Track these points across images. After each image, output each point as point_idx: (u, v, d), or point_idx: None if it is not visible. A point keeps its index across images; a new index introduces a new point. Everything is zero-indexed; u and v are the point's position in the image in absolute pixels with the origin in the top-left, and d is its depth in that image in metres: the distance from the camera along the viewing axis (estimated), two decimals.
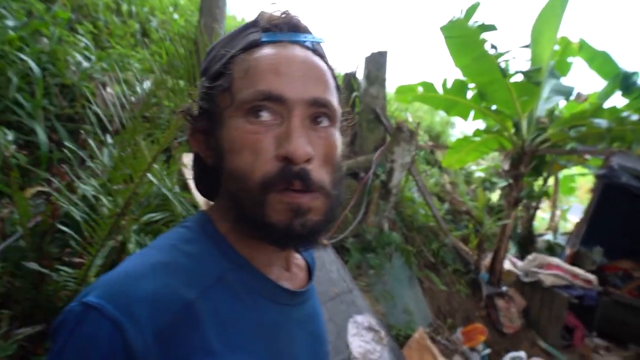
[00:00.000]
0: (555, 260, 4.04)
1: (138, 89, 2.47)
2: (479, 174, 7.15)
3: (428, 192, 4.28)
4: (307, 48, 0.48)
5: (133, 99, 2.30)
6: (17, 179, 1.54)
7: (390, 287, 3.00)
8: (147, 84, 2.65)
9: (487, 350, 3.19)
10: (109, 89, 2.64)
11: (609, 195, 4.87)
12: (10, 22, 2.04)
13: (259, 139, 0.43)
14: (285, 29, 0.48)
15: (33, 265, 1.40)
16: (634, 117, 3.58)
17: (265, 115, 0.44)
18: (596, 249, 4.74)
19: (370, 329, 2.29)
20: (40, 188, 1.71)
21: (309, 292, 0.56)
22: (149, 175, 1.38)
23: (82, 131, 2.20)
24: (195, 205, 2.16)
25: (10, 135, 1.78)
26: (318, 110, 0.45)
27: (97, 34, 2.97)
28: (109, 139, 2.02)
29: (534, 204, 6.58)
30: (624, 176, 4.82)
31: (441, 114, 7.10)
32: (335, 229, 3.03)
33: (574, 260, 4.60)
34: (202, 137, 0.50)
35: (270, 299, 0.49)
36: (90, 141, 1.66)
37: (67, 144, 1.79)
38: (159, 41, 3.48)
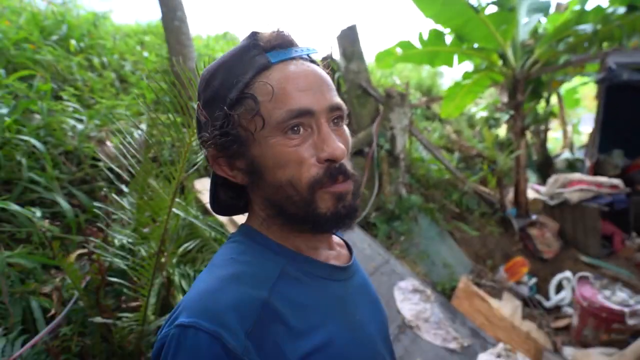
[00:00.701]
0: (576, 176, 4.03)
1: (135, 134, 2.56)
2: (481, 114, 7.08)
3: (434, 146, 4.30)
4: (306, 59, 0.54)
5: (133, 143, 2.39)
6: (57, 249, 1.66)
7: (424, 248, 3.08)
8: (141, 127, 2.74)
9: (534, 280, 3.24)
10: (108, 143, 2.75)
11: (615, 96, 4.79)
12: (3, 110, 2.14)
13: (300, 150, 0.51)
14: (285, 46, 0.53)
15: (97, 319, 1.52)
16: (621, 10, 3.49)
17: (302, 130, 0.51)
18: (616, 153, 4.70)
19: (415, 290, 2.37)
20: (80, 251, 1.83)
21: (355, 265, 0.65)
22: (175, 210, 1.47)
23: (99, 188, 2.32)
24: (221, 225, 2.27)
25: (38, 212, 1.90)
26: (335, 113, 0.53)
27: (80, 95, 3.07)
28: (125, 188, 2.13)
29: (542, 127, 6.51)
30: (624, 73, 4.73)
31: (426, 67, 7.05)
32: None
33: (596, 170, 4.57)
34: (226, 161, 0.55)
35: (329, 278, 0.57)
36: (115, 195, 1.76)
37: (94, 204, 1.90)
38: (137, 82, 3.56)
